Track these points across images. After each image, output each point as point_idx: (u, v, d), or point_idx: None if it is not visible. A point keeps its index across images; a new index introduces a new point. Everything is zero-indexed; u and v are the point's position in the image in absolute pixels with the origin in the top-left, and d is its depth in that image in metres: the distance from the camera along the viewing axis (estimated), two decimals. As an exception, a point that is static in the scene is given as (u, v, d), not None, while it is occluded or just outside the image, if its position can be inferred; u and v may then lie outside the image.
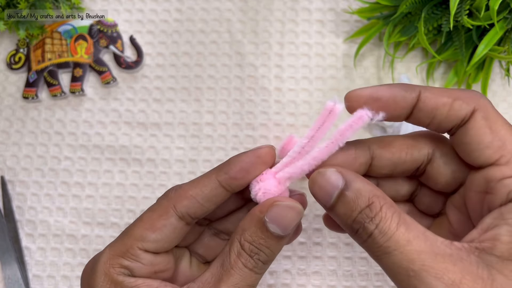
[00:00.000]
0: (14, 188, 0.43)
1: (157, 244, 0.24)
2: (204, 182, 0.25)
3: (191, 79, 0.44)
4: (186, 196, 0.24)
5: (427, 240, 0.19)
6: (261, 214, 0.23)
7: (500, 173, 0.19)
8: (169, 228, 0.24)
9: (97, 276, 0.23)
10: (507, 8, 0.36)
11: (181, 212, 0.24)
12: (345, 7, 0.45)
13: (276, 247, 0.24)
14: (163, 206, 0.24)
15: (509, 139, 0.20)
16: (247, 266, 0.23)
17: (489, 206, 0.20)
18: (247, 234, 0.23)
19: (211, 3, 0.46)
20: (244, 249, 0.23)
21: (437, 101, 0.21)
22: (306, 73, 0.44)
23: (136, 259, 0.24)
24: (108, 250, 0.24)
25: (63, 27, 0.45)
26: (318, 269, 0.39)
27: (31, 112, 0.44)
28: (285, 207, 0.23)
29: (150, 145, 0.43)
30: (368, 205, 0.20)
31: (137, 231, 0.24)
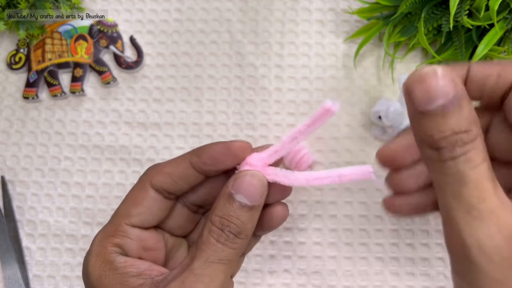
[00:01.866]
0: (14, 188, 0.43)
1: (142, 217, 0.26)
2: (179, 161, 0.26)
3: (191, 79, 0.44)
4: (161, 171, 0.26)
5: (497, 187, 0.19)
6: (227, 188, 0.24)
7: None
8: (149, 200, 0.26)
9: (90, 258, 0.25)
10: (507, 8, 0.36)
11: (156, 186, 0.26)
12: (345, 7, 0.45)
13: (246, 218, 0.24)
14: (142, 182, 0.26)
15: None
16: (219, 240, 0.24)
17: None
18: (217, 209, 0.24)
19: (211, 3, 0.46)
20: (214, 224, 0.24)
21: (487, 71, 0.21)
22: (306, 73, 0.44)
23: (124, 235, 0.25)
24: (100, 233, 0.26)
25: (63, 27, 0.45)
26: (318, 269, 0.39)
27: (31, 112, 0.44)
28: (247, 175, 0.24)
29: (150, 145, 0.43)
30: (466, 130, 0.19)
31: (122, 209, 0.26)
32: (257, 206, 0.25)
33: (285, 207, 0.28)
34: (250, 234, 0.25)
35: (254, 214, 0.25)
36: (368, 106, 0.43)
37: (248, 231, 0.25)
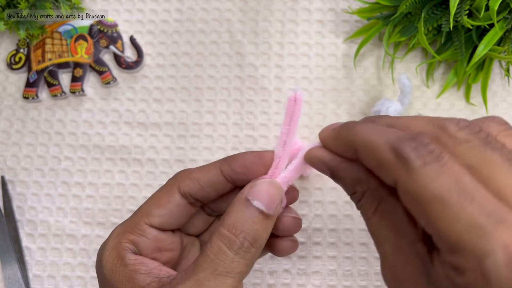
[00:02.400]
0: (14, 188, 0.43)
1: (162, 219, 0.26)
2: (209, 168, 0.27)
3: (191, 79, 0.44)
4: (190, 177, 0.26)
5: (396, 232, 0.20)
6: (243, 195, 0.24)
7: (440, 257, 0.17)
8: (172, 204, 0.26)
9: (105, 250, 0.25)
10: (507, 8, 0.36)
11: (184, 191, 0.26)
12: (345, 7, 0.45)
13: (262, 226, 0.23)
14: (169, 185, 0.27)
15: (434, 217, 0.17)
16: (232, 248, 0.22)
17: None
18: (231, 214, 0.23)
19: (211, 3, 0.46)
20: (228, 229, 0.23)
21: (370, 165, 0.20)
22: (306, 73, 0.44)
23: (141, 234, 0.25)
24: (119, 226, 0.26)
25: (63, 27, 0.45)
26: (318, 269, 0.39)
27: (31, 112, 0.44)
28: (265, 183, 0.24)
29: (150, 145, 0.43)
30: (352, 193, 0.22)
31: (145, 208, 0.26)
32: (272, 216, 0.24)
33: (295, 243, 0.28)
34: (262, 246, 0.24)
35: (269, 225, 0.24)
36: (368, 106, 0.43)
37: (263, 241, 0.24)
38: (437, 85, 0.43)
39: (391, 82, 0.43)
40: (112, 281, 0.24)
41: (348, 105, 0.43)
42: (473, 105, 0.42)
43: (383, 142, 0.18)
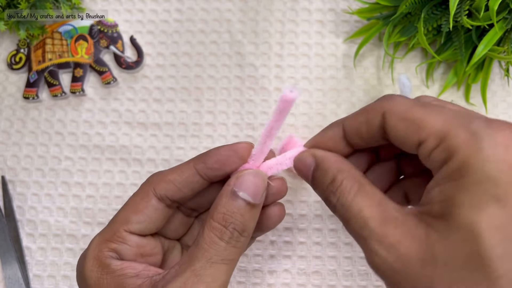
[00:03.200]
0: (14, 188, 0.43)
1: (141, 225, 0.26)
2: (183, 168, 0.27)
3: (191, 79, 0.44)
4: (165, 180, 0.26)
5: (380, 207, 0.21)
6: (229, 186, 0.25)
7: (426, 150, 0.21)
8: (150, 209, 0.26)
9: (86, 261, 0.25)
10: (506, 8, 0.36)
11: (160, 194, 0.26)
12: (345, 8, 0.45)
13: (249, 215, 0.24)
14: (144, 190, 0.26)
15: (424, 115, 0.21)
16: (223, 238, 0.24)
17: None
18: (220, 206, 0.24)
19: (211, 3, 0.46)
20: (217, 221, 0.24)
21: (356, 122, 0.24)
22: (306, 73, 0.44)
23: (122, 241, 0.25)
24: (98, 237, 0.26)
25: (64, 27, 0.45)
26: (318, 268, 0.39)
27: (31, 112, 0.44)
28: (251, 174, 0.25)
29: (150, 145, 0.43)
30: (331, 181, 0.23)
31: (122, 215, 0.26)
32: (259, 204, 0.25)
33: (282, 207, 0.28)
34: (251, 233, 0.25)
35: (256, 212, 0.25)
36: (368, 106, 0.43)
37: (251, 229, 0.25)
38: (437, 85, 0.43)
39: (391, 82, 0.43)
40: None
41: (348, 105, 0.43)
42: (473, 105, 0.42)
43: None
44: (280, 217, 0.28)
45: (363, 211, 0.21)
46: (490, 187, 0.18)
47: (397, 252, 0.20)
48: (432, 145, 0.20)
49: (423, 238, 0.19)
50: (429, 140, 0.20)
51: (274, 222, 0.28)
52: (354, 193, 0.22)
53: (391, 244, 0.20)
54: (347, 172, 0.23)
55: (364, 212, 0.21)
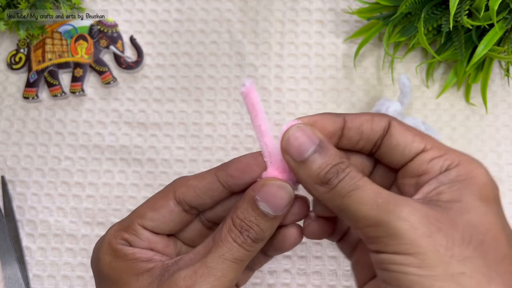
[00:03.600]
0: (14, 188, 0.43)
1: (154, 223, 0.26)
2: (204, 175, 0.27)
3: (191, 79, 0.44)
4: (186, 184, 0.26)
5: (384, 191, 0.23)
6: (253, 192, 0.25)
7: (429, 156, 0.23)
8: (166, 210, 0.26)
9: (103, 244, 0.26)
10: (506, 8, 0.36)
11: (179, 198, 0.26)
12: (345, 8, 0.45)
13: (266, 226, 0.25)
14: (166, 190, 0.27)
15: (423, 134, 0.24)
16: (236, 241, 0.24)
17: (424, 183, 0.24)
18: (239, 211, 0.25)
19: (211, 3, 0.46)
20: (235, 225, 0.24)
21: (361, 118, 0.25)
22: (306, 73, 0.44)
23: (135, 234, 0.26)
24: (116, 225, 0.27)
25: (64, 27, 0.45)
26: (318, 269, 0.39)
27: (31, 112, 0.44)
28: (275, 186, 0.25)
29: (150, 145, 0.43)
30: (341, 161, 0.23)
31: (140, 209, 0.27)
32: (279, 216, 0.25)
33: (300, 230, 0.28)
34: (267, 239, 0.25)
35: (274, 223, 0.25)
36: (368, 106, 0.43)
37: (266, 238, 0.25)
38: (437, 85, 0.43)
39: (391, 82, 0.43)
40: (111, 273, 0.25)
41: (348, 105, 0.43)
42: (473, 105, 0.42)
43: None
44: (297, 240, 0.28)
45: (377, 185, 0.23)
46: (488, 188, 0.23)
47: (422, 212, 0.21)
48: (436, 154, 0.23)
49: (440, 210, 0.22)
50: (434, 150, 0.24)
51: (289, 244, 0.28)
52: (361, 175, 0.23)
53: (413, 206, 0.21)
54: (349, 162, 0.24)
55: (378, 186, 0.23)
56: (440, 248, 0.20)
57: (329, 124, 0.25)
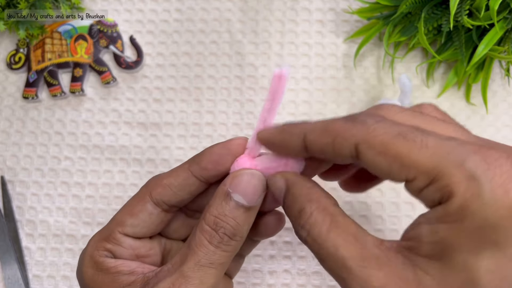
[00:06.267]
0: (14, 188, 0.43)
1: (135, 229, 0.25)
2: (178, 171, 0.26)
3: (191, 79, 0.44)
4: (160, 184, 0.25)
5: (357, 243, 0.19)
6: (224, 186, 0.24)
7: (415, 187, 0.19)
8: (145, 214, 0.25)
9: (85, 257, 0.25)
10: (507, 8, 0.36)
11: (156, 199, 0.25)
12: (345, 7, 0.45)
13: (243, 219, 0.23)
14: (141, 193, 0.26)
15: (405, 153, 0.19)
16: (212, 242, 0.23)
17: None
18: (212, 208, 0.23)
19: (211, 3, 0.46)
20: (208, 223, 0.23)
21: (321, 142, 0.21)
22: (306, 73, 0.44)
23: (117, 243, 0.25)
24: (96, 235, 0.26)
25: (63, 27, 0.45)
26: (318, 269, 0.39)
27: (31, 112, 0.44)
28: (247, 175, 0.24)
29: (150, 145, 0.43)
30: (299, 211, 0.21)
31: (119, 216, 0.26)
32: (254, 207, 0.24)
33: (280, 216, 0.27)
34: (245, 236, 0.24)
35: (251, 216, 0.24)
36: (368, 106, 0.43)
37: (243, 233, 0.24)
38: (437, 85, 0.43)
39: (391, 82, 0.43)
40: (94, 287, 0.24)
41: (348, 105, 0.43)
42: (473, 105, 0.42)
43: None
44: (278, 227, 0.27)
45: (339, 250, 0.19)
46: (490, 233, 0.17)
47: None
48: (422, 184, 0.18)
49: (412, 281, 0.18)
50: (419, 179, 0.18)
51: (272, 230, 0.27)
52: (327, 228, 0.20)
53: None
54: (316, 202, 0.21)
55: (341, 251, 0.19)
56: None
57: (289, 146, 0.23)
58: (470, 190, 0.17)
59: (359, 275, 0.18)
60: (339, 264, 0.19)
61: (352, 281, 0.19)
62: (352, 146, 0.20)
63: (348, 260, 0.19)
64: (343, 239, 0.19)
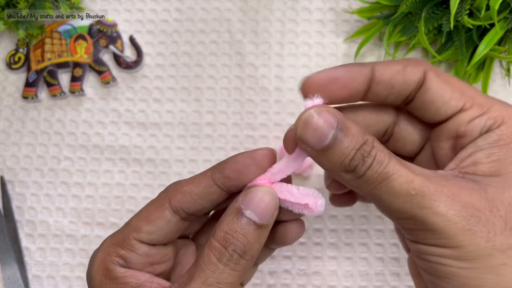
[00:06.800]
0: (13, 188, 0.43)
1: (151, 236, 0.25)
2: (200, 179, 0.25)
3: (191, 79, 0.44)
4: (181, 191, 0.25)
5: (418, 168, 0.21)
6: (237, 202, 0.23)
7: (468, 117, 0.21)
8: (162, 221, 0.25)
9: (95, 261, 0.24)
10: (507, 8, 0.36)
11: (175, 207, 0.25)
12: (345, 7, 0.45)
13: (254, 237, 0.22)
14: (160, 199, 0.25)
15: (464, 87, 0.22)
16: (221, 260, 0.22)
17: (462, 146, 0.22)
18: (223, 224, 0.23)
19: (211, 3, 0.46)
20: (218, 240, 0.22)
21: (391, 70, 0.22)
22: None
23: (131, 249, 0.24)
24: (109, 238, 0.25)
25: (63, 27, 0.45)
26: (318, 269, 0.39)
27: (30, 112, 0.44)
28: (259, 191, 0.23)
29: (150, 145, 0.43)
30: (364, 141, 0.21)
31: (134, 222, 0.25)
32: (266, 226, 0.23)
33: (301, 224, 0.26)
34: (256, 255, 0.23)
35: (262, 234, 0.23)
36: (368, 106, 0.43)
37: (254, 251, 0.23)
38: (438, 85, 0.43)
39: (392, 82, 0.43)
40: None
41: (348, 105, 0.43)
42: (474, 105, 0.42)
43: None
44: (298, 234, 0.26)
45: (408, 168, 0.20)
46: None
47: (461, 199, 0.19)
48: (476, 114, 0.21)
49: (479, 190, 0.19)
50: (474, 108, 0.21)
51: (291, 239, 0.26)
52: (389, 155, 0.21)
53: (452, 193, 0.19)
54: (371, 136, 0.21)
55: (409, 168, 0.20)
56: (481, 241, 0.19)
57: (353, 80, 0.22)
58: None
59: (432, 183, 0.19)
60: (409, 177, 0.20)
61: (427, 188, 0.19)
62: (421, 72, 0.22)
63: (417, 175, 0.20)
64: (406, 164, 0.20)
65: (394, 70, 0.22)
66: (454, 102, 0.22)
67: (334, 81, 0.23)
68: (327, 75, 0.23)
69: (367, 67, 0.23)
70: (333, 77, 0.23)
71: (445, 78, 0.22)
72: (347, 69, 0.23)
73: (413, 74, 0.22)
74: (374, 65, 0.23)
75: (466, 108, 0.21)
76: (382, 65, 0.23)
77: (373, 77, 0.23)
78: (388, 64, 0.23)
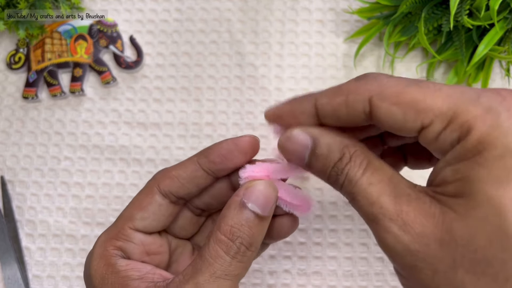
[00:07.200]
0: (14, 188, 0.43)
1: (145, 222, 0.26)
2: (186, 164, 0.26)
3: (191, 79, 0.44)
4: (169, 176, 0.26)
5: (391, 183, 0.20)
6: (239, 197, 0.24)
7: (432, 134, 0.19)
8: (154, 206, 0.26)
9: (92, 260, 0.25)
10: (507, 8, 0.36)
11: (164, 191, 0.26)
12: (345, 7, 0.45)
13: (258, 229, 0.23)
14: (148, 186, 0.26)
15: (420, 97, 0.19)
16: (229, 253, 0.22)
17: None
18: (227, 218, 0.23)
19: (211, 3, 0.46)
20: (224, 233, 0.23)
21: (333, 103, 0.22)
22: (306, 73, 0.44)
23: (127, 239, 0.25)
24: (104, 234, 0.26)
25: (63, 27, 0.45)
26: (318, 269, 0.39)
27: (31, 112, 0.44)
28: (260, 185, 0.24)
29: (150, 145, 0.43)
30: (340, 158, 0.21)
31: (127, 212, 0.26)
32: (267, 217, 0.24)
33: (294, 217, 0.27)
34: (258, 247, 0.24)
35: (265, 226, 0.24)
36: (368, 106, 0.43)
37: (258, 243, 0.24)
38: (438, 85, 0.43)
39: (391, 82, 0.43)
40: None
41: (348, 105, 0.43)
42: (474, 105, 0.42)
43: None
44: (292, 228, 0.27)
45: (373, 187, 0.20)
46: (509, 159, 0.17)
47: (413, 230, 0.19)
48: (439, 128, 0.19)
49: (438, 216, 0.18)
50: (435, 123, 0.19)
51: (285, 232, 0.27)
52: (364, 169, 0.21)
53: (405, 222, 0.19)
54: (353, 146, 0.21)
55: (375, 187, 0.20)
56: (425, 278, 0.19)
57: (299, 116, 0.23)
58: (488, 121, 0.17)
59: (390, 208, 0.19)
60: (372, 199, 0.20)
61: (384, 215, 0.19)
62: (366, 100, 0.20)
63: (380, 196, 0.20)
64: (377, 179, 0.20)
65: (335, 103, 0.21)
66: (410, 124, 0.19)
67: (281, 118, 0.24)
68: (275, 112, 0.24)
69: (309, 102, 0.22)
70: (278, 115, 0.24)
71: (395, 98, 0.19)
72: (290, 106, 0.24)
73: (356, 105, 0.21)
74: (316, 98, 0.22)
75: (425, 125, 0.19)
76: (324, 98, 0.22)
77: (317, 112, 0.22)
78: (330, 96, 0.22)
